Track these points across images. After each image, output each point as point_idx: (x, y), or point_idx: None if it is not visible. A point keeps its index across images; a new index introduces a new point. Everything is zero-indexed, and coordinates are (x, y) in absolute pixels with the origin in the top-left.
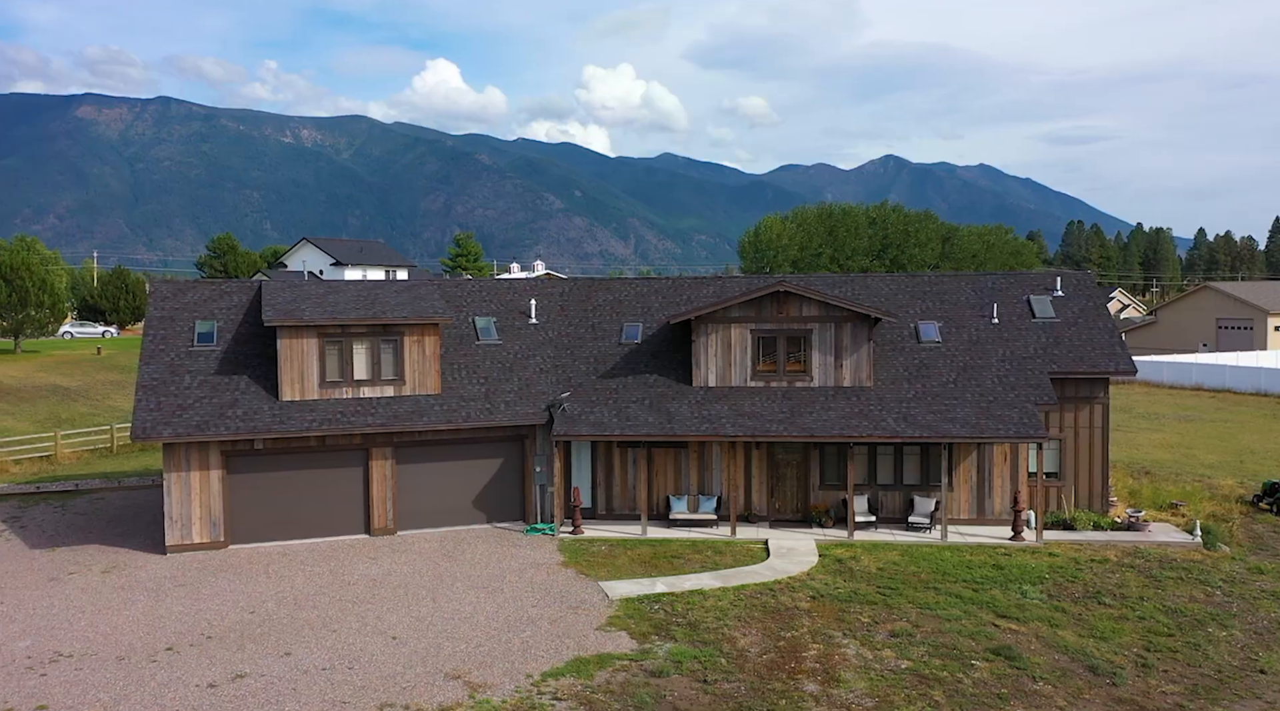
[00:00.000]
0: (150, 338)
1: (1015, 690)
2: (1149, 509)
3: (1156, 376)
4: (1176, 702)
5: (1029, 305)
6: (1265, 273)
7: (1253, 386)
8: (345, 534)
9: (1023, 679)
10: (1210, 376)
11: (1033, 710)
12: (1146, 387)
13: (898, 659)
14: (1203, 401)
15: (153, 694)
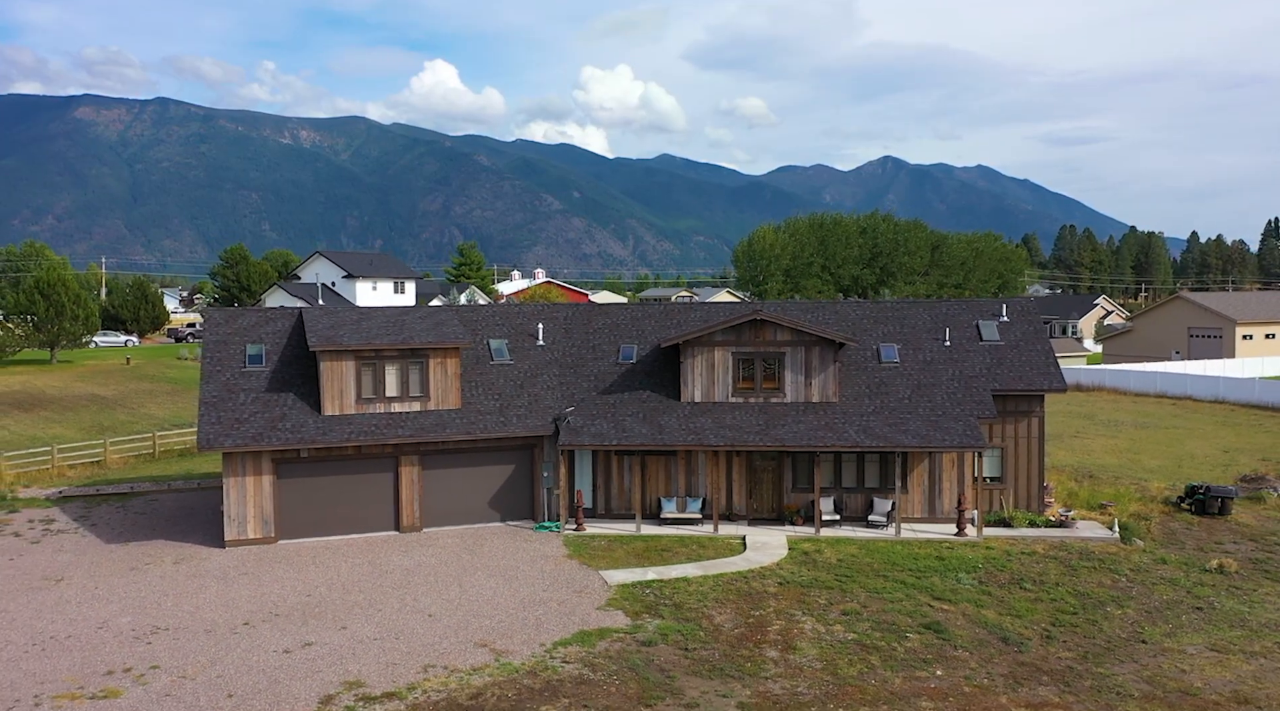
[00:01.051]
0: (208, 360)
1: (939, 656)
2: (1082, 509)
3: (1124, 384)
4: (1068, 665)
5: (978, 329)
6: (1257, 276)
7: (1212, 394)
8: (378, 531)
9: (946, 647)
10: (1173, 384)
11: (950, 671)
12: (1114, 395)
13: (845, 632)
14: (1163, 409)
15: (241, 657)
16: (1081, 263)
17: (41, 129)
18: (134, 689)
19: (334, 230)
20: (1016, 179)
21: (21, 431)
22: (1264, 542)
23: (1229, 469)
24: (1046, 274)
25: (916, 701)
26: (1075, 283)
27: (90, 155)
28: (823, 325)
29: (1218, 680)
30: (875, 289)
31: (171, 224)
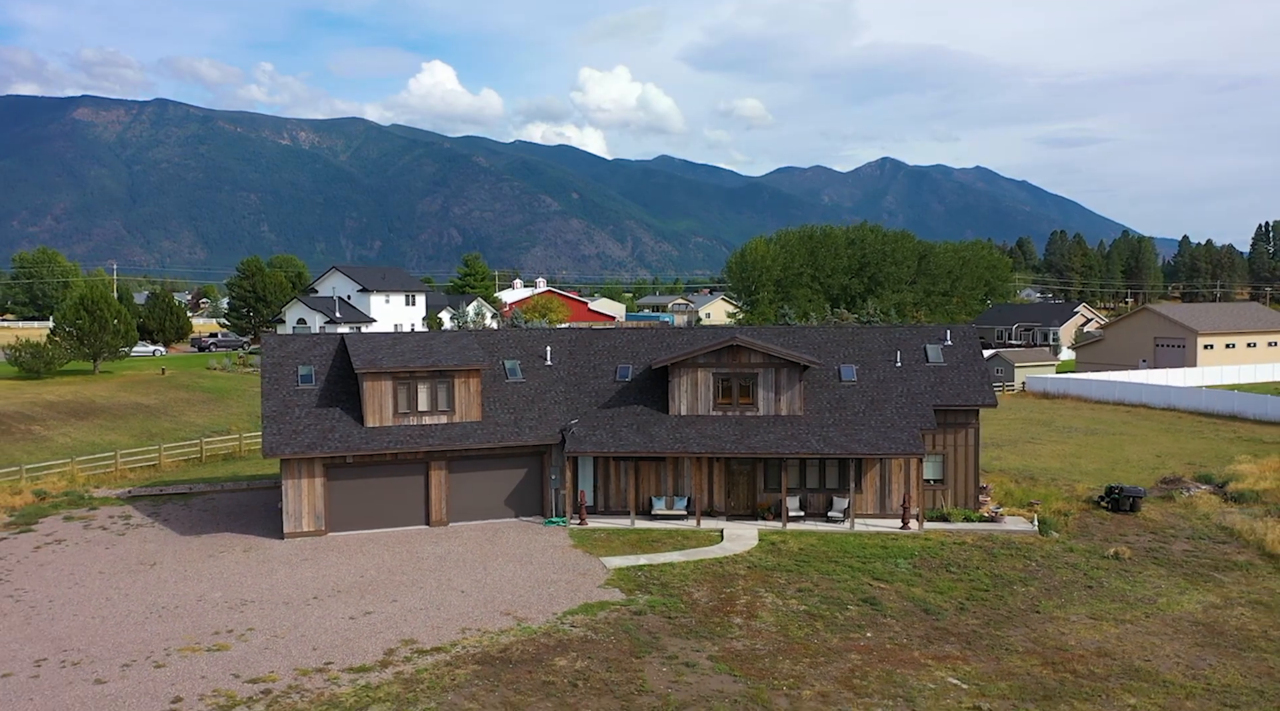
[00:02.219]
0: (267, 379)
1: (871, 623)
2: (1014, 507)
3: (1087, 393)
4: (973, 629)
5: (925, 352)
6: (1248, 280)
7: (1164, 402)
8: (411, 525)
9: (877, 616)
10: (1129, 393)
11: (878, 633)
12: (1077, 402)
13: (799, 605)
14: (1118, 415)
15: (316, 622)
16: (1072, 267)
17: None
18: (238, 644)
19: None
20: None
21: (81, 438)
22: (1161, 535)
23: (1156, 472)
24: (1039, 277)
25: (847, 655)
26: (1066, 287)
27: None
28: (791, 349)
29: (1088, 640)
30: (863, 297)
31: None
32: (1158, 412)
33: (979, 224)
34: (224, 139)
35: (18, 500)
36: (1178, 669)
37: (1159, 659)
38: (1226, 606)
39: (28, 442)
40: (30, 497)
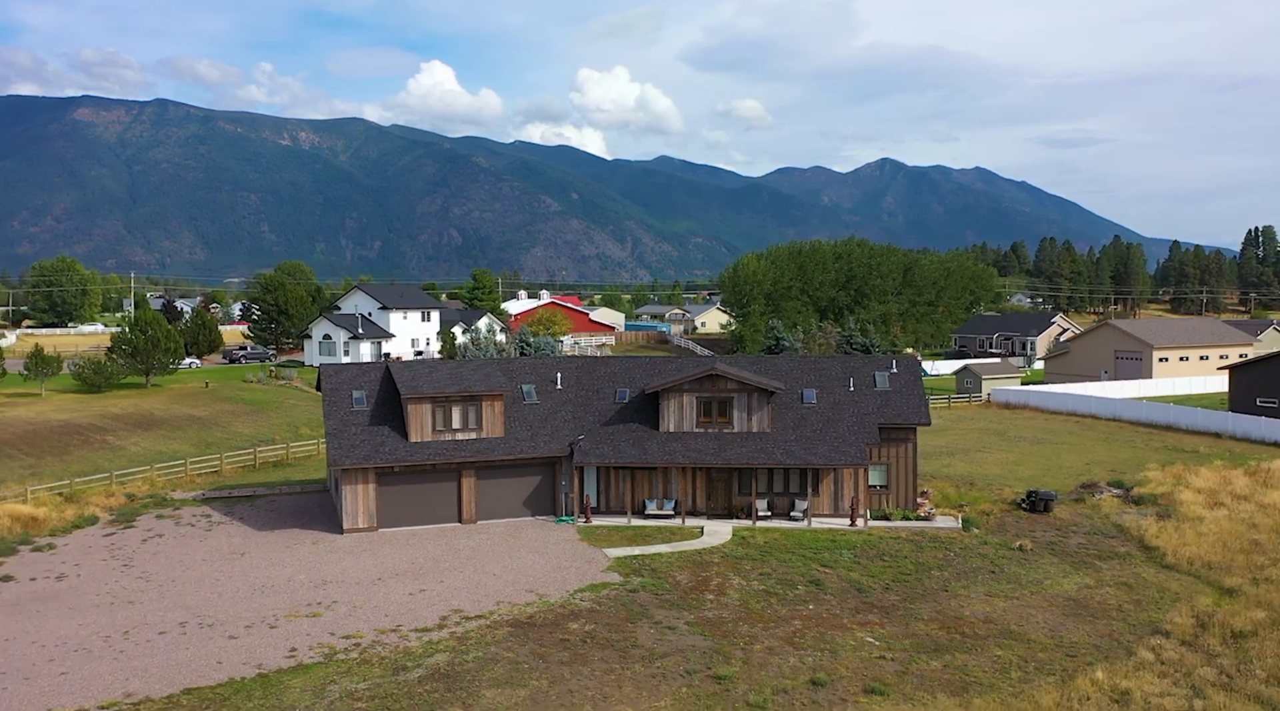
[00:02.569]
0: (328, 402)
1: (814, 598)
2: (948, 508)
3: (1044, 404)
4: (893, 603)
5: (874, 379)
6: (1235, 285)
7: (1110, 413)
8: (447, 522)
9: (820, 593)
10: (1080, 404)
11: (818, 606)
12: (1033, 413)
13: (759, 585)
14: (1066, 425)
15: (384, 596)
16: (1061, 273)
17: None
18: (328, 612)
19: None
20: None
21: (149, 447)
22: (1064, 531)
23: (1081, 477)
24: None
25: (792, 621)
26: (1055, 293)
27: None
28: (761, 376)
29: (980, 611)
30: (850, 309)
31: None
32: (1103, 423)
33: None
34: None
35: (113, 501)
36: (1042, 631)
37: (1030, 624)
38: (1098, 586)
39: (105, 451)
40: (123, 499)
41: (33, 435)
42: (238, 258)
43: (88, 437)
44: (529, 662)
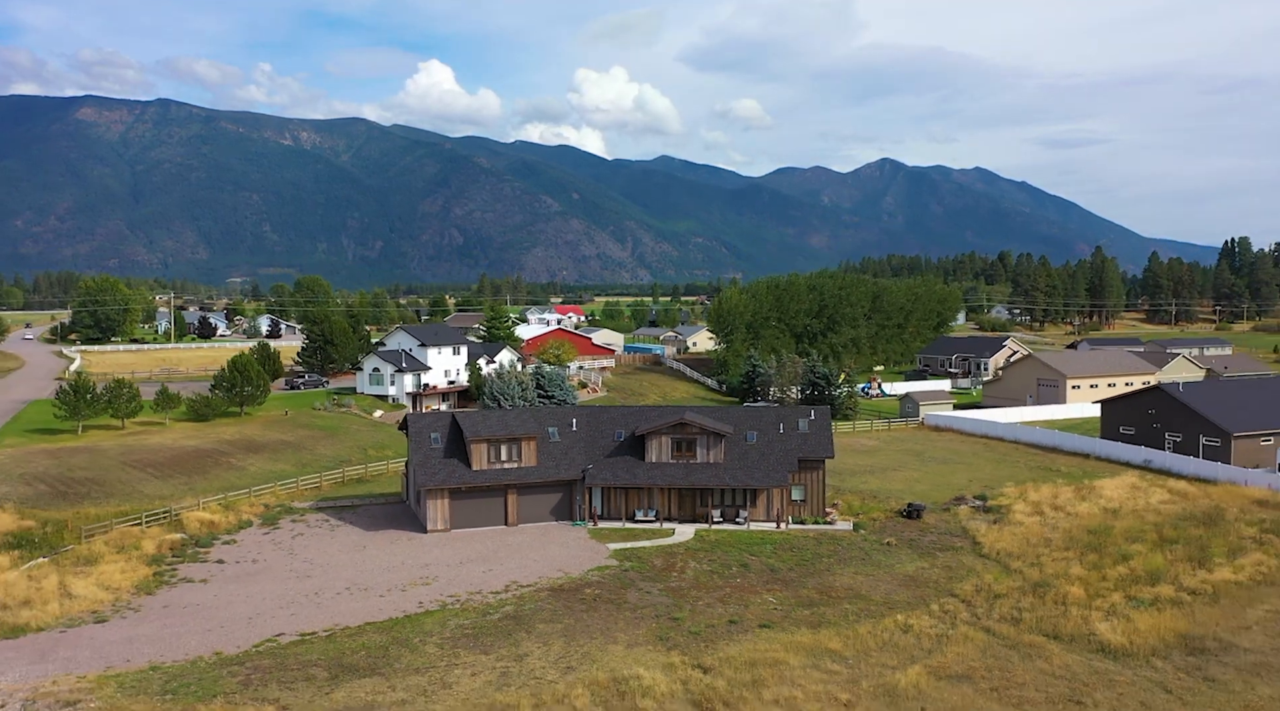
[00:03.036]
0: (413, 441)
1: (740, 575)
2: (849, 515)
3: (963, 428)
4: (792, 578)
5: (797, 424)
6: (1211, 297)
7: (1011, 436)
8: (497, 525)
9: (746, 572)
10: (989, 428)
11: (743, 580)
12: (954, 435)
13: (707, 567)
14: (973, 447)
15: (465, 573)
16: (1037, 287)
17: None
18: (435, 582)
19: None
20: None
21: (263, 467)
22: (924, 532)
23: (959, 491)
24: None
25: (724, 589)
26: (1031, 306)
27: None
28: (718, 423)
29: (845, 584)
30: (823, 334)
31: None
32: (1004, 444)
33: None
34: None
35: (255, 510)
36: (879, 594)
37: (874, 591)
38: (929, 568)
39: (232, 471)
40: (261, 508)
41: (179, 459)
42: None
43: (217, 460)
44: (561, 610)
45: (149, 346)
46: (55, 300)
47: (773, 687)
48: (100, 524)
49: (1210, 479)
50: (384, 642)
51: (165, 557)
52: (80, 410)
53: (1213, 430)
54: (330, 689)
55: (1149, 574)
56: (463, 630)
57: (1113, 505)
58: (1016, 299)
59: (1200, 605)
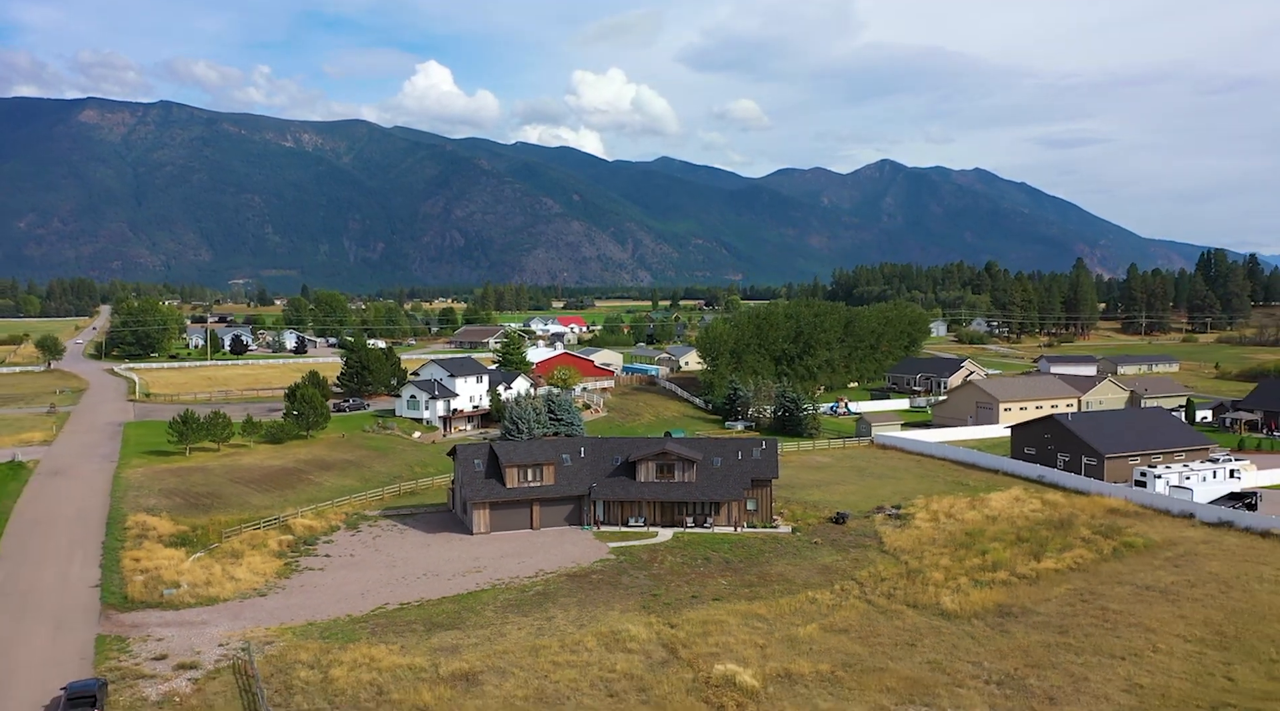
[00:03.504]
0: (459, 465)
1: (704, 565)
2: (789, 521)
3: (904, 446)
4: (739, 568)
5: (752, 452)
6: (1185, 310)
7: (941, 454)
8: (524, 529)
9: (709, 564)
10: (922, 447)
11: (706, 570)
12: (896, 453)
13: (681, 561)
14: (907, 464)
15: (505, 564)
16: (1014, 302)
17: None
18: (485, 570)
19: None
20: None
21: (335, 483)
22: (844, 534)
23: (881, 502)
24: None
25: (691, 576)
26: (1008, 319)
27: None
28: (691, 451)
29: (778, 571)
30: (800, 357)
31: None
32: (932, 461)
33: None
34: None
35: (338, 518)
36: (800, 579)
37: (797, 576)
38: (842, 560)
39: (312, 486)
40: (342, 516)
41: (270, 476)
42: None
43: (299, 477)
44: (575, 588)
45: (189, 364)
46: (71, 307)
47: (715, 637)
48: (232, 528)
49: (1084, 491)
50: (456, 609)
51: (286, 553)
52: (188, 436)
53: (1091, 452)
54: (427, 637)
55: (995, 564)
56: (508, 602)
57: (993, 513)
58: (995, 312)
59: (1023, 585)
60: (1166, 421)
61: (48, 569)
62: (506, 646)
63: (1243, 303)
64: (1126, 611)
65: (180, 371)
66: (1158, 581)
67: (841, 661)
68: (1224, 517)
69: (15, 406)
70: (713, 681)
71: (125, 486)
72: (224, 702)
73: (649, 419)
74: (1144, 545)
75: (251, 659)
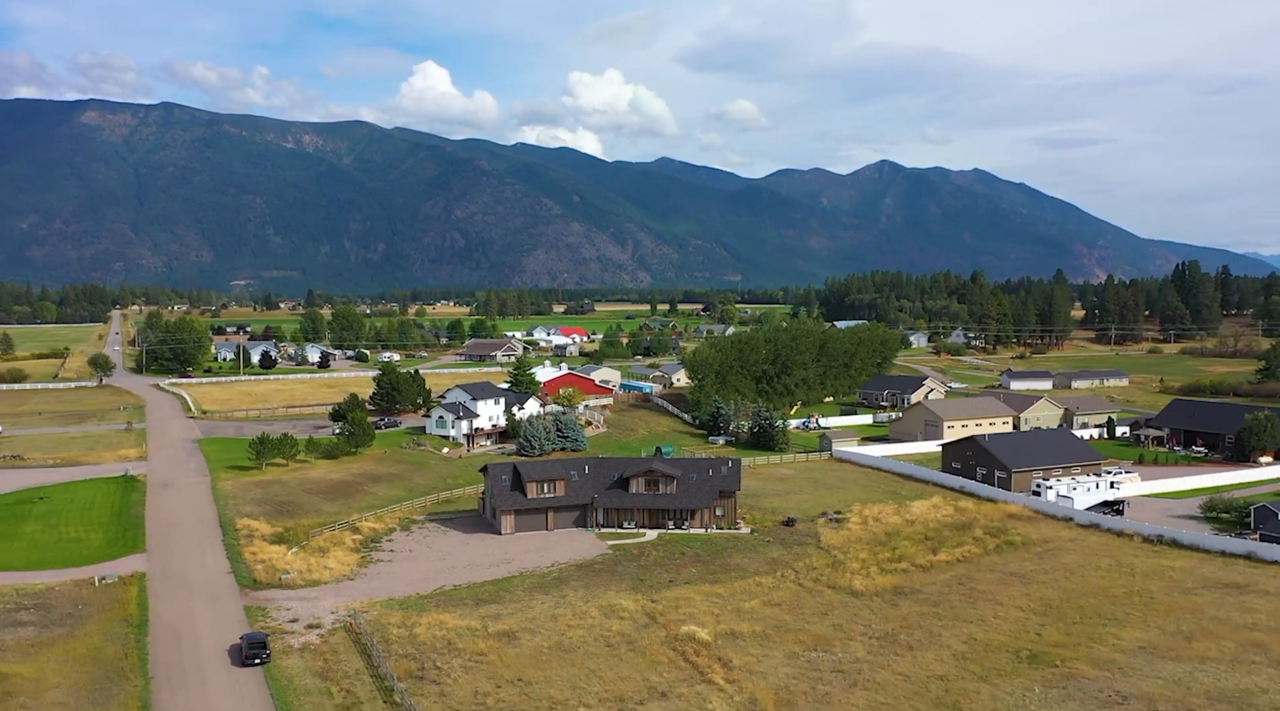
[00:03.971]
0: (490, 479)
1: (680, 557)
2: (749, 524)
3: (857, 460)
4: (707, 559)
5: (721, 470)
6: (1156, 324)
7: (885, 467)
8: (541, 530)
9: (684, 558)
10: (871, 461)
11: (680, 563)
12: (849, 466)
13: (663, 556)
14: (856, 475)
15: (529, 557)
16: (990, 315)
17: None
18: (513, 562)
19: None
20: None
21: (385, 493)
22: (791, 534)
23: (827, 507)
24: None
25: (671, 566)
26: (984, 332)
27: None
28: (672, 469)
29: (736, 562)
30: (778, 376)
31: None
32: (876, 473)
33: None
34: (229, 142)
35: (394, 522)
36: (752, 568)
37: (749, 566)
38: (785, 554)
39: (368, 496)
40: (396, 520)
41: (334, 487)
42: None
43: (357, 488)
44: (582, 575)
45: (225, 379)
46: (86, 313)
47: (684, 609)
48: (315, 529)
49: (992, 499)
50: (495, 589)
51: (360, 548)
52: (264, 454)
53: (1002, 467)
54: (476, 608)
55: (900, 557)
56: (533, 584)
57: (912, 517)
58: (972, 325)
59: (918, 572)
60: (1069, 440)
61: (190, 560)
62: (534, 614)
63: (1212, 313)
64: (989, 591)
65: (220, 387)
66: (1021, 569)
67: (772, 625)
68: (1094, 521)
69: (93, 423)
70: (679, 637)
71: (224, 496)
72: (345, 649)
73: (643, 434)
74: (1022, 542)
75: (360, 621)
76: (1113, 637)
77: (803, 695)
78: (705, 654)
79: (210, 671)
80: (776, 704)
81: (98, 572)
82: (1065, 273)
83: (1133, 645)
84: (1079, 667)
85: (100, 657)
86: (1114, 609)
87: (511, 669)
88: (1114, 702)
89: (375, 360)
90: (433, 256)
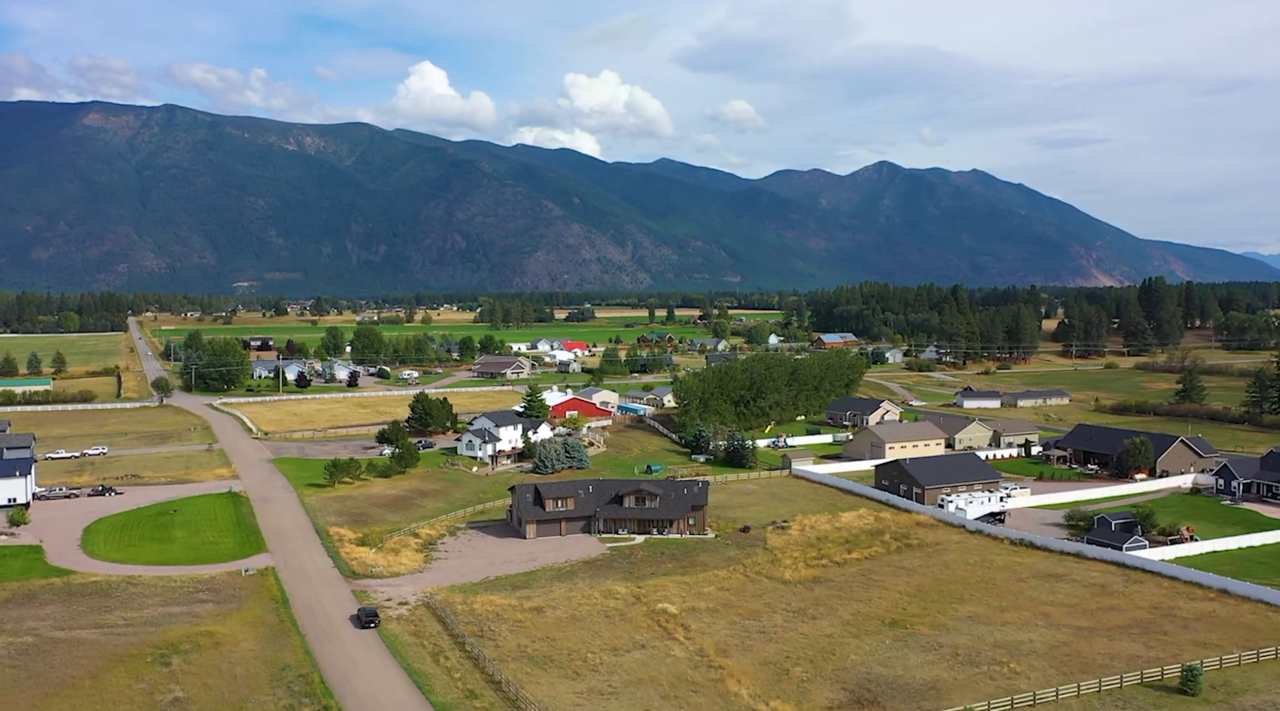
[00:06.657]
0: (516, 496)
1: (661, 557)
2: (714, 530)
3: (810, 476)
4: (681, 557)
5: (694, 490)
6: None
7: (832, 483)
8: (556, 536)
9: (664, 557)
10: (820, 477)
11: (663, 559)
12: (803, 482)
13: (650, 556)
14: (806, 490)
15: (548, 556)
16: (959, 333)
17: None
18: (536, 559)
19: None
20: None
21: (431, 505)
22: (745, 537)
23: (776, 517)
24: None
25: (656, 563)
26: (954, 349)
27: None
28: (655, 487)
29: (701, 559)
30: (754, 399)
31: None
32: (824, 488)
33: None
34: (232, 145)
35: (443, 529)
36: (713, 564)
37: (711, 562)
38: (740, 554)
39: (418, 509)
40: (445, 527)
41: (393, 501)
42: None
43: (410, 502)
44: (587, 570)
45: (268, 398)
46: (106, 322)
47: (660, 593)
48: (387, 534)
49: (908, 510)
50: (525, 579)
51: (422, 549)
52: (336, 474)
53: (918, 484)
54: (513, 592)
55: (822, 555)
56: (552, 575)
57: (840, 525)
58: (943, 342)
59: (833, 566)
60: (974, 462)
61: (303, 558)
62: (554, 596)
63: (1174, 327)
64: (881, 580)
65: (266, 407)
66: (911, 564)
67: (721, 603)
68: (980, 528)
69: (175, 443)
70: (656, 611)
71: (312, 509)
72: (427, 618)
73: (636, 452)
74: (918, 544)
75: (434, 600)
76: (952, 610)
77: (734, 646)
78: (673, 622)
79: (342, 631)
80: (716, 651)
81: (241, 566)
82: (1064, 274)
83: (964, 615)
84: (920, 629)
85: (264, 622)
86: (963, 591)
87: (541, 631)
88: (934, 648)
89: (396, 377)
90: (434, 258)
